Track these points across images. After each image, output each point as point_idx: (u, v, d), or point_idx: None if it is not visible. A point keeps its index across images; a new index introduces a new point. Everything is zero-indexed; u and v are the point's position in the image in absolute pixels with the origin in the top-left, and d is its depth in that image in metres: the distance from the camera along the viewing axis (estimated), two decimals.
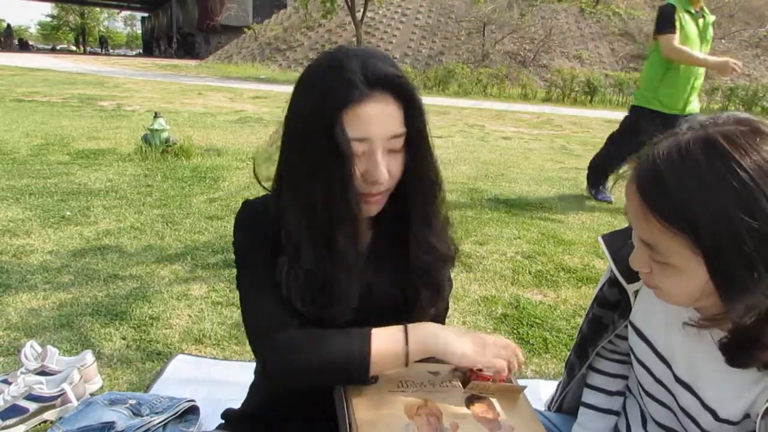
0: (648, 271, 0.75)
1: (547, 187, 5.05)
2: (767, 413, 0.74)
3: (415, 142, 0.88)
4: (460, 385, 0.92)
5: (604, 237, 1.02)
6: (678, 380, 0.87)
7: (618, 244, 0.97)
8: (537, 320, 2.39)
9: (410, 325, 0.89)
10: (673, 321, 0.87)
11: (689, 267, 0.69)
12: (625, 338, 1.03)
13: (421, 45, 21.98)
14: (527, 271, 2.94)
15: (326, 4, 19.02)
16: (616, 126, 4.55)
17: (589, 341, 1.08)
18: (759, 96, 16.84)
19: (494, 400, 0.91)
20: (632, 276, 0.92)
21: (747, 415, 0.80)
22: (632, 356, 0.98)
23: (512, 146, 7.52)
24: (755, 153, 0.64)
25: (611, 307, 1.03)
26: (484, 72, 18.62)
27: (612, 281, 1.02)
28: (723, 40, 22.88)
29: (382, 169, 0.84)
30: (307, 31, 23.73)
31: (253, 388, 1.11)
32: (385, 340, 0.87)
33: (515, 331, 2.30)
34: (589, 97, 17.19)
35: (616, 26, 24.14)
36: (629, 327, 0.98)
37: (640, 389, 0.99)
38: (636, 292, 0.96)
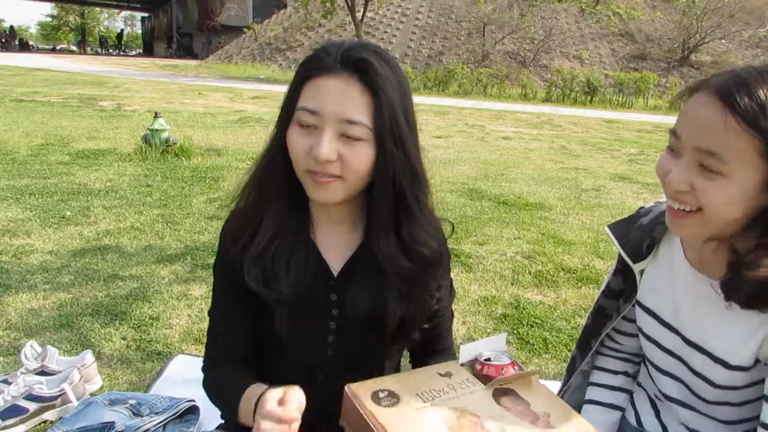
0: (687, 190, 0.78)
1: (547, 187, 5.05)
2: None
3: (380, 140, 0.83)
4: (479, 382, 0.91)
5: (610, 226, 1.07)
6: (688, 342, 0.92)
7: (624, 229, 1.03)
8: (537, 320, 2.39)
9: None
10: (678, 287, 0.93)
11: (744, 175, 0.74)
12: (628, 335, 1.07)
13: (421, 45, 21.98)
14: (527, 271, 2.94)
15: (326, 4, 19.01)
16: (616, 126, 4.57)
17: (591, 333, 1.12)
18: None
19: (515, 389, 0.90)
20: (638, 256, 0.99)
21: (757, 361, 0.84)
22: (641, 336, 1.02)
23: (512, 146, 7.52)
24: None
25: (615, 296, 1.07)
26: (484, 72, 18.61)
27: (616, 270, 1.07)
28: (723, 40, 22.89)
29: (323, 146, 0.80)
30: (307, 31, 23.72)
31: None
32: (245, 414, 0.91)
33: (515, 331, 2.30)
34: (589, 97, 17.20)
35: (616, 26, 24.12)
36: (637, 308, 1.02)
37: (651, 367, 1.02)
38: (641, 272, 1.00)
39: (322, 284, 0.95)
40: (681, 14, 22.78)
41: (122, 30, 60.54)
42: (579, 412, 1.16)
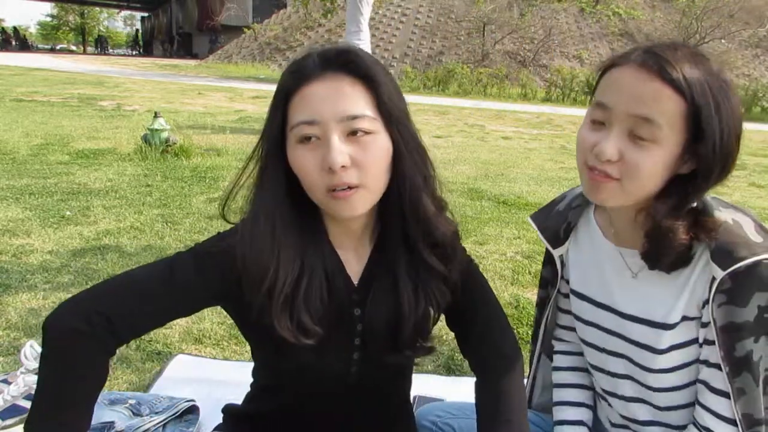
0: (616, 159, 0.82)
1: (547, 187, 5.05)
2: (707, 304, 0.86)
3: (389, 124, 0.81)
4: None
5: (531, 216, 1.14)
6: (625, 316, 0.96)
7: (542, 218, 1.11)
8: None
9: None
10: (604, 266, 0.98)
11: (672, 139, 0.79)
12: (570, 329, 1.11)
13: (421, 45, 21.98)
14: (527, 271, 2.94)
15: (326, 3, 19.01)
16: None
17: (536, 324, 1.18)
18: (759, 96, 16.83)
19: None
20: (557, 242, 1.06)
21: (684, 317, 0.90)
22: (581, 323, 1.04)
23: (512, 146, 7.52)
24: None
25: (546, 285, 1.13)
26: (484, 72, 18.62)
27: (545, 261, 1.13)
28: (723, 40, 22.88)
29: (334, 153, 0.75)
30: (306, 31, 23.71)
31: (252, 388, 1.10)
32: None
33: (515, 331, 2.30)
34: (588, 97, 17.16)
35: (616, 26, 24.12)
36: (572, 297, 1.06)
37: (595, 350, 1.03)
38: (561, 258, 1.07)
39: (346, 302, 0.90)
40: (681, 14, 22.79)
41: (137, 30, 60.16)
42: (550, 411, 1.18)
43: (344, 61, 0.79)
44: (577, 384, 1.12)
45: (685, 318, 0.89)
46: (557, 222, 1.06)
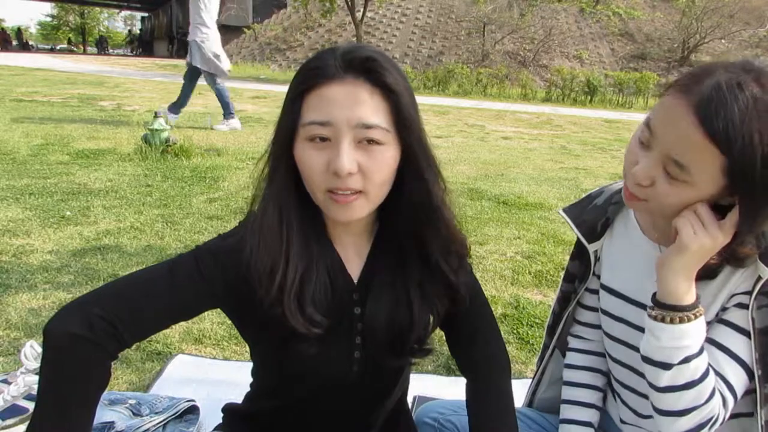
0: (647, 185, 0.82)
1: (547, 187, 5.05)
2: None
3: (402, 138, 0.80)
4: None
5: (564, 209, 1.13)
6: None
7: (577, 211, 1.09)
8: (537, 320, 2.39)
9: None
10: (640, 263, 0.96)
11: (703, 185, 0.78)
12: (591, 326, 1.11)
13: (421, 45, 21.97)
14: (527, 271, 2.94)
15: (326, 3, 19.03)
16: (616, 126, 4.56)
17: (557, 318, 1.16)
18: None
19: None
20: (593, 237, 1.05)
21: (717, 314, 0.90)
22: (610, 319, 1.03)
23: (512, 146, 7.52)
24: None
25: (572, 280, 1.12)
26: (484, 72, 18.61)
27: (573, 255, 1.11)
28: (723, 40, 22.88)
29: (342, 158, 0.75)
30: (307, 31, 23.72)
31: (252, 388, 1.11)
32: None
33: (515, 331, 2.30)
34: (589, 97, 17.19)
35: (616, 26, 24.12)
36: (602, 291, 1.04)
37: (622, 346, 1.02)
38: (596, 253, 1.06)
39: (347, 300, 0.91)
40: (681, 14, 22.79)
41: (139, 30, 59.01)
42: (552, 410, 1.17)
43: (367, 68, 0.78)
44: (590, 385, 1.12)
45: (717, 315, 0.89)
46: (595, 216, 1.05)
